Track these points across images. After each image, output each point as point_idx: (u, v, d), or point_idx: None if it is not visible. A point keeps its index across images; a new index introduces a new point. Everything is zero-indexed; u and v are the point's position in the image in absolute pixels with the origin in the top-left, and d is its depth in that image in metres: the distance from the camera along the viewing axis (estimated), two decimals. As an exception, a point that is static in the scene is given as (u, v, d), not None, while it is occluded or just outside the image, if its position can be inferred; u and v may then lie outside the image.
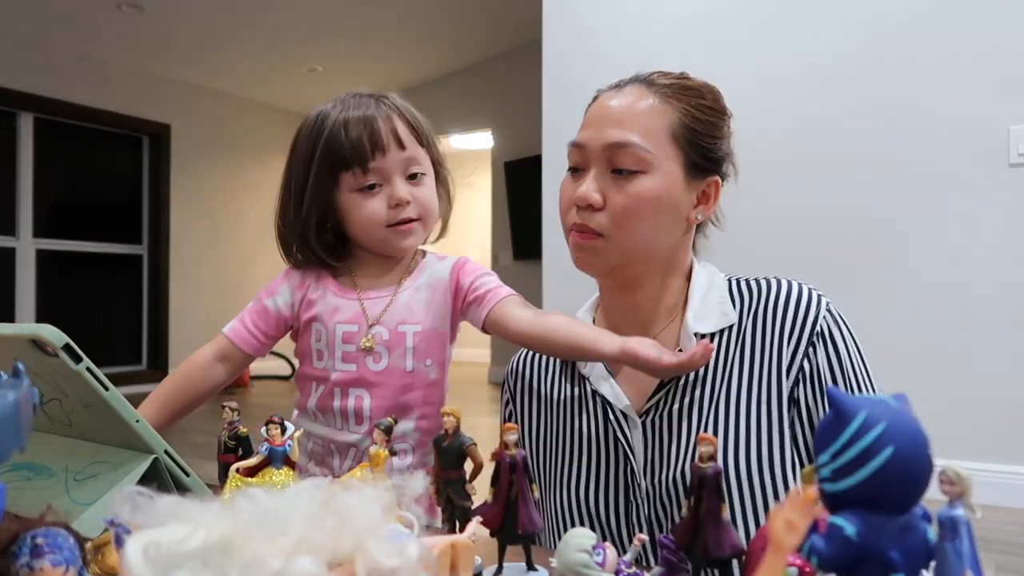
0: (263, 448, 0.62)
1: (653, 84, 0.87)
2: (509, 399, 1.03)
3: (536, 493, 0.54)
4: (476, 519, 0.52)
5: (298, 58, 5.82)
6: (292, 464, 0.63)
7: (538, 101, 3.29)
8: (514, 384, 1.02)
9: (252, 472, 0.62)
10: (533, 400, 0.99)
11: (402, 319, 1.02)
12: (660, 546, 0.50)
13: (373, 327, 1.01)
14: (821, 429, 0.38)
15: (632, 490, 0.85)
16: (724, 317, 0.86)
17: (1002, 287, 2.51)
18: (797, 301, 0.84)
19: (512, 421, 1.00)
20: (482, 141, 6.96)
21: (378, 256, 1.07)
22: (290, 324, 1.07)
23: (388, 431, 0.60)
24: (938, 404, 2.47)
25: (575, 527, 0.86)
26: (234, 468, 0.62)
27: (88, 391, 0.61)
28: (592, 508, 0.87)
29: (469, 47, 6.04)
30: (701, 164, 0.86)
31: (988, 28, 2.54)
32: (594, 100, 0.92)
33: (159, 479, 0.64)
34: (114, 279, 5.77)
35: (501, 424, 0.97)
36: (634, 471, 0.85)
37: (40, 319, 5.05)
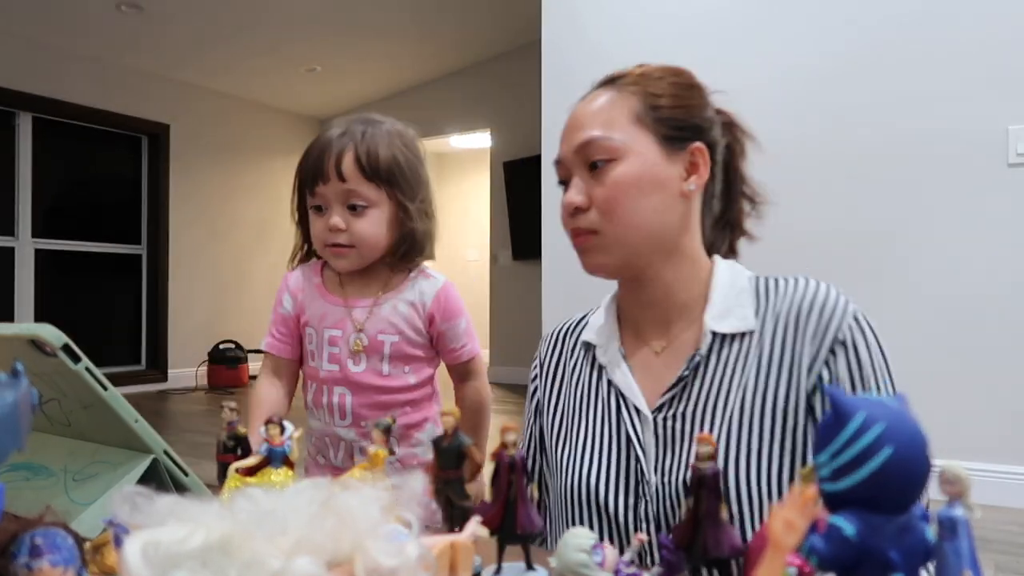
0: (262, 448, 0.62)
1: (612, 81, 0.91)
2: (537, 374, 1.03)
3: (535, 493, 0.54)
4: (475, 519, 0.52)
5: (297, 58, 5.82)
6: (291, 464, 0.63)
7: (537, 101, 3.29)
8: (544, 360, 1.02)
9: (251, 472, 0.62)
10: (556, 379, 0.99)
11: (381, 329, 1.15)
12: (659, 546, 0.50)
13: (358, 332, 1.15)
14: (820, 429, 0.38)
15: (642, 486, 0.84)
16: (744, 321, 0.84)
17: (1001, 287, 2.51)
18: (822, 305, 0.82)
19: (537, 396, 1.01)
20: (481, 141, 6.96)
21: (358, 272, 1.20)
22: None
23: (387, 431, 0.60)
24: (937, 404, 2.48)
25: (584, 517, 0.86)
26: (233, 468, 0.62)
27: (87, 391, 0.61)
28: (601, 500, 0.86)
29: (468, 47, 6.04)
30: (676, 135, 0.86)
31: (987, 28, 2.54)
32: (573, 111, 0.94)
33: (158, 479, 0.64)
34: (113, 279, 5.77)
35: (528, 394, 1.03)
36: (643, 469, 0.84)
37: (39, 319, 5.05)
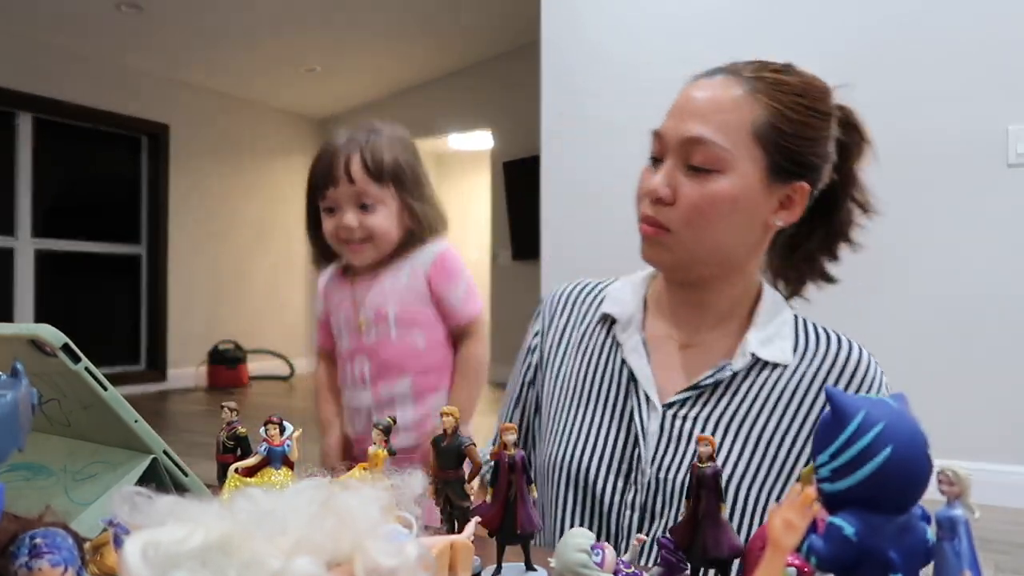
0: (262, 448, 0.62)
1: (745, 75, 0.81)
2: (540, 331, 1.00)
3: (535, 493, 0.54)
4: (475, 519, 0.52)
5: (297, 58, 5.82)
6: (291, 464, 0.63)
7: (537, 101, 3.29)
8: (549, 320, 0.99)
9: (251, 472, 0.62)
10: (563, 341, 0.96)
11: (383, 301, 1.27)
12: (659, 546, 0.50)
13: (361, 309, 1.28)
14: (820, 429, 0.38)
15: (635, 474, 0.83)
16: (783, 353, 0.83)
17: (1001, 286, 2.51)
18: (864, 371, 0.82)
19: (537, 355, 0.99)
20: (481, 141, 6.96)
21: None
22: None
23: (387, 431, 0.60)
24: (937, 404, 2.47)
25: (566, 492, 0.85)
26: (233, 468, 0.62)
27: (87, 391, 0.61)
28: (590, 479, 0.84)
29: (468, 47, 6.04)
30: (786, 167, 0.80)
31: (987, 28, 2.54)
32: (686, 85, 0.86)
33: (158, 479, 0.64)
34: (113, 279, 5.77)
35: (524, 346, 1.02)
36: (641, 456, 0.83)
37: (38, 319, 5.04)
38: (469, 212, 8.22)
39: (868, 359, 0.84)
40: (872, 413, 0.36)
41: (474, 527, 0.51)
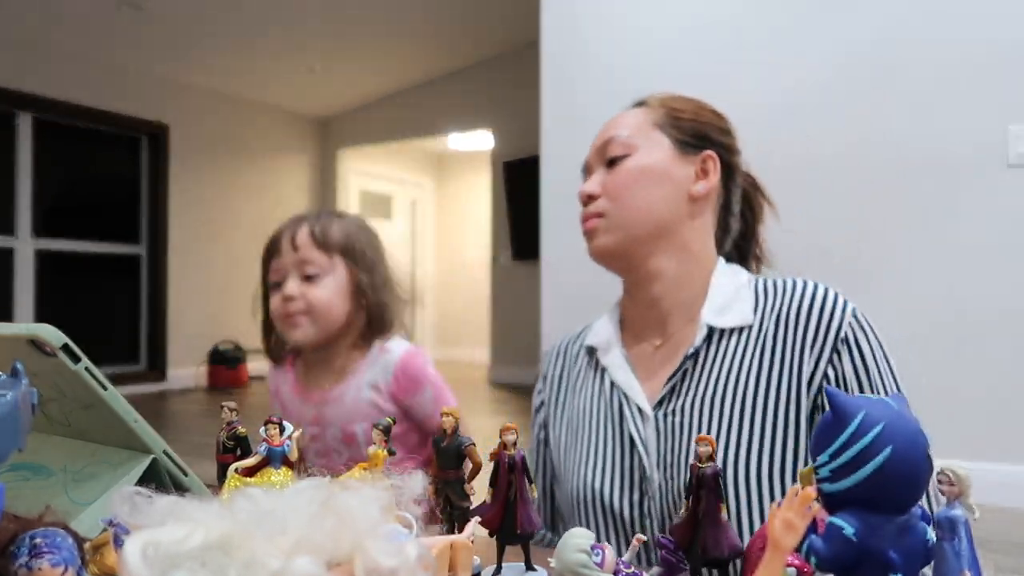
0: (262, 448, 0.62)
1: (642, 102, 0.97)
2: (542, 389, 1.05)
3: (535, 493, 0.54)
4: (475, 519, 0.52)
5: (297, 58, 5.82)
6: (291, 464, 0.63)
7: (537, 101, 3.29)
8: (549, 374, 1.05)
9: (251, 472, 0.62)
10: (562, 390, 1.01)
11: (349, 419, 1.17)
12: (658, 546, 0.50)
13: (328, 429, 1.17)
14: (820, 429, 0.38)
15: (645, 483, 0.85)
16: (741, 315, 0.86)
17: (1000, 287, 2.51)
18: (822, 305, 0.83)
19: (544, 411, 1.03)
20: (481, 141, 6.96)
21: (317, 354, 1.23)
22: None
23: (387, 431, 0.60)
24: (937, 404, 2.47)
25: (591, 518, 0.87)
26: (233, 468, 0.62)
27: (87, 391, 0.61)
28: (607, 500, 0.87)
29: (468, 47, 6.04)
30: (690, 141, 0.91)
31: (987, 28, 2.54)
32: None
33: (158, 479, 0.64)
34: (112, 279, 5.77)
35: (533, 411, 1.04)
36: (644, 465, 0.85)
37: (38, 319, 5.04)
38: (469, 212, 8.22)
39: (825, 292, 0.84)
40: (872, 413, 0.36)
41: (474, 527, 0.51)
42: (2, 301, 5.06)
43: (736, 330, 0.85)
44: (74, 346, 0.59)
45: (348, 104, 6.90)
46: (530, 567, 0.53)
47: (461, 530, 0.53)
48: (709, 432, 0.82)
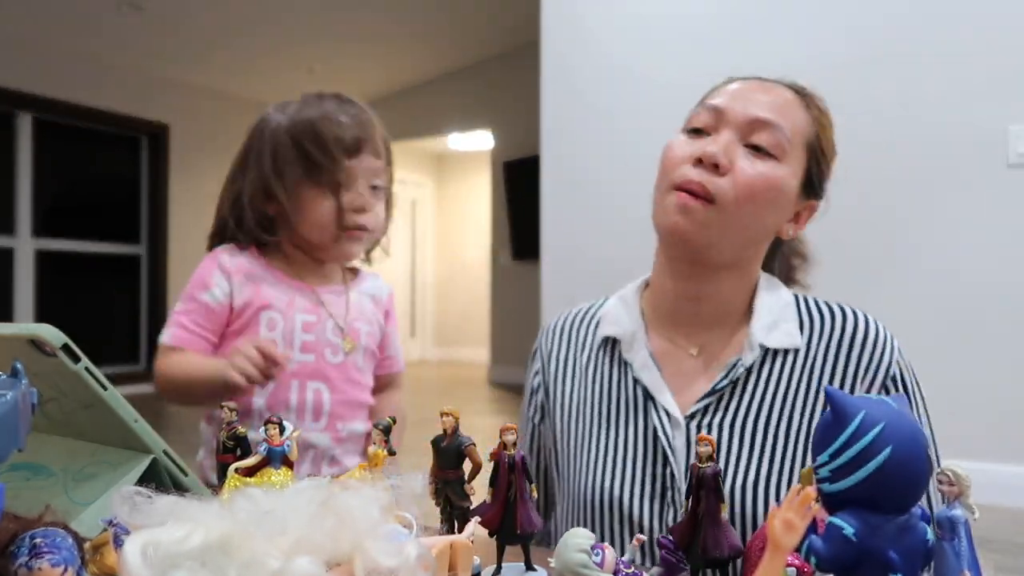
0: (262, 448, 0.62)
1: (799, 92, 0.86)
2: (540, 370, 0.97)
3: (535, 493, 0.54)
4: (475, 519, 0.52)
5: (296, 58, 5.82)
6: (291, 464, 0.63)
7: (537, 101, 3.29)
8: (550, 355, 0.96)
9: (251, 472, 0.62)
10: (568, 372, 0.93)
11: (356, 317, 1.05)
12: (658, 546, 0.50)
13: (339, 320, 1.02)
14: (820, 429, 0.38)
15: (671, 492, 0.80)
16: (790, 337, 0.82)
17: (1001, 287, 2.51)
18: (875, 339, 0.81)
19: (542, 393, 0.96)
20: (481, 141, 6.96)
21: (311, 257, 1.07)
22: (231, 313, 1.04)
23: (387, 431, 0.60)
24: (937, 404, 2.47)
25: (605, 524, 0.83)
26: (233, 468, 0.62)
27: (87, 391, 0.60)
28: (625, 506, 0.81)
29: (468, 47, 6.04)
30: (813, 183, 0.84)
31: (987, 28, 2.54)
32: (729, 81, 0.87)
33: (158, 479, 0.64)
34: (112, 279, 5.77)
35: (527, 390, 0.98)
36: (674, 474, 0.80)
37: (38, 319, 5.04)
38: (469, 212, 8.22)
39: (876, 326, 0.82)
40: (872, 413, 0.36)
41: (474, 527, 0.51)
42: (2, 301, 5.06)
43: (784, 351, 0.82)
44: (74, 346, 0.59)
45: (348, 104, 6.90)
46: (530, 567, 0.53)
47: (461, 530, 0.53)
48: (750, 453, 0.79)
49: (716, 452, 0.80)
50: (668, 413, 0.82)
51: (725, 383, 0.81)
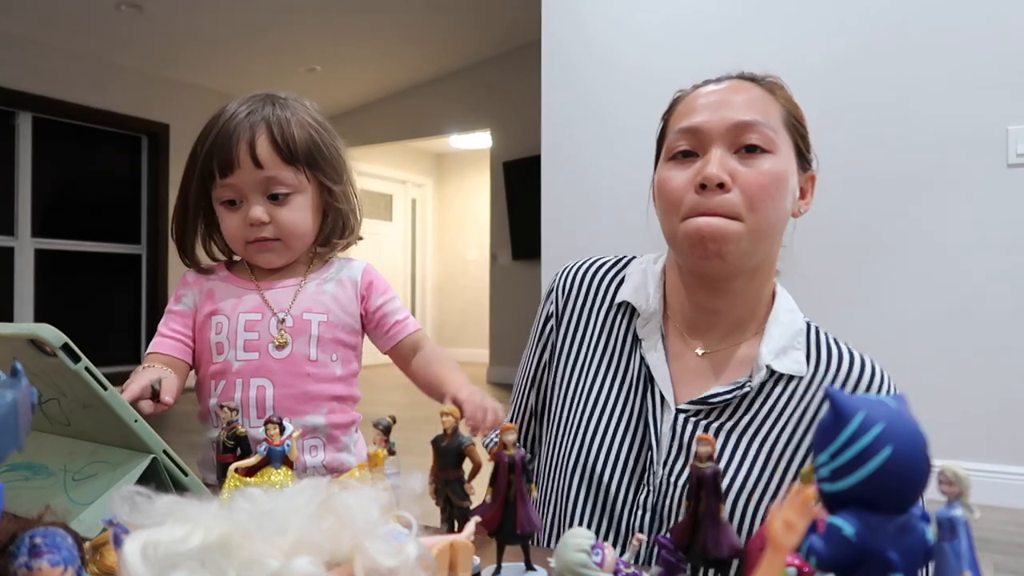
0: (261, 448, 0.62)
1: (753, 79, 0.86)
2: (553, 313, 0.97)
3: (535, 493, 0.54)
4: (475, 519, 0.52)
5: (296, 58, 5.82)
6: (291, 464, 0.63)
7: (537, 101, 3.29)
8: (564, 301, 0.96)
9: (250, 472, 0.62)
10: (579, 327, 0.93)
11: (307, 307, 1.02)
12: (658, 546, 0.50)
13: (279, 314, 1.00)
14: (820, 429, 0.38)
15: (648, 474, 0.82)
16: (798, 365, 0.83)
17: (1001, 287, 2.51)
18: (877, 389, 0.82)
19: (553, 335, 0.96)
20: (481, 141, 6.96)
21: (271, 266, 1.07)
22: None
23: (387, 431, 0.60)
24: (937, 404, 2.48)
25: (579, 492, 0.84)
26: (232, 468, 0.62)
27: (86, 391, 0.61)
28: (605, 480, 0.83)
29: (468, 47, 6.04)
30: (804, 155, 0.86)
31: (987, 28, 2.54)
32: (689, 93, 0.87)
33: (157, 479, 0.64)
34: (112, 279, 5.76)
35: (537, 322, 0.98)
36: (653, 458, 0.82)
37: (38, 319, 5.04)
38: (469, 212, 8.22)
39: (881, 374, 0.83)
40: (872, 413, 0.36)
41: (474, 527, 0.50)
42: (2, 301, 5.06)
43: (786, 377, 0.83)
44: (74, 346, 0.59)
45: (348, 104, 6.89)
46: (530, 567, 0.53)
47: (461, 530, 0.53)
48: (739, 464, 0.80)
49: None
50: (663, 398, 0.84)
51: (727, 397, 0.82)
